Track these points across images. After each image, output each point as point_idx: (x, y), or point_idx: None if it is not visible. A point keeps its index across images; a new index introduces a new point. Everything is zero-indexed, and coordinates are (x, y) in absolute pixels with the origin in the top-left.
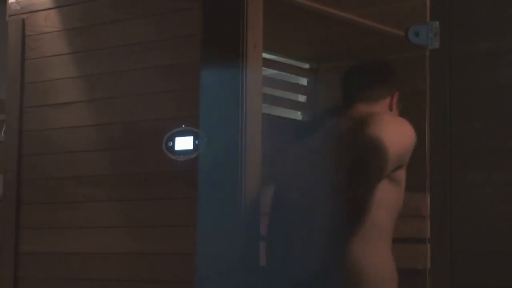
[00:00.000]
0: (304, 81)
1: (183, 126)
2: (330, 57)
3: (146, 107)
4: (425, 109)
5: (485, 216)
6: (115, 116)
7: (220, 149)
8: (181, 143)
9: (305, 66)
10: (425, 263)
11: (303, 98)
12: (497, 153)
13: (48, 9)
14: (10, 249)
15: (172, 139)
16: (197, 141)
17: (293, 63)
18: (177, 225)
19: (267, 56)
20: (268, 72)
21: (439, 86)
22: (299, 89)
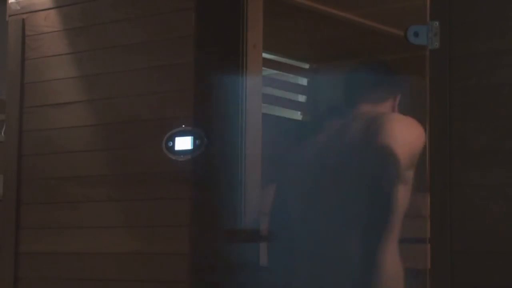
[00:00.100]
0: (304, 81)
1: (183, 126)
2: (330, 57)
3: (146, 107)
4: (425, 109)
5: (485, 216)
6: (115, 116)
7: (220, 149)
8: (181, 143)
9: (305, 66)
10: (425, 263)
11: (303, 98)
12: (497, 153)
13: (48, 9)
14: (10, 249)
15: (172, 139)
16: (197, 141)
17: (293, 63)
18: (177, 225)
19: (267, 56)
20: (268, 72)
21: (439, 86)
22: (299, 89)
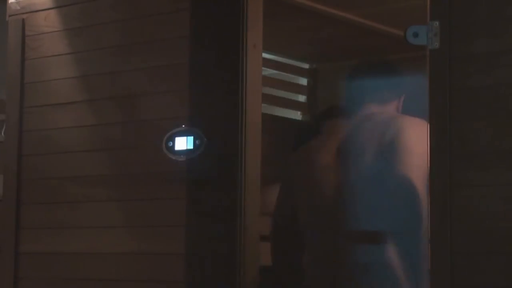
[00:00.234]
0: (304, 81)
1: (183, 126)
2: (330, 57)
3: (146, 107)
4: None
5: (485, 216)
6: (115, 116)
7: (220, 149)
8: (181, 143)
9: (305, 66)
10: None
11: (303, 98)
12: (497, 153)
13: (48, 9)
14: (10, 249)
15: (172, 139)
16: (197, 141)
17: (293, 63)
18: (177, 225)
19: (267, 56)
20: (268, 72)
21: (439, 86)
22: (299, 89)
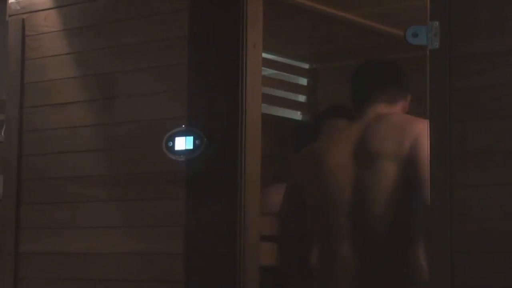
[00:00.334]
0: (304, 81)
1: (183, 126)
2: (330, 57)
3: (146, 107)
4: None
5: (485, 216)
6: (115, 116)
7: (220, 149)
8: (181, 143)
9: (305, 66)
10: None
11: (303, 98)
12: (497, 153)
13: (48, 9)
14: (10, 249)
15: (172, 139)
16: (197, 141)
17: (293, 63)
18: (177, 225)
19: (267, 56)
20: (268, 72)
21: (439, 86)
22: (299, 89)
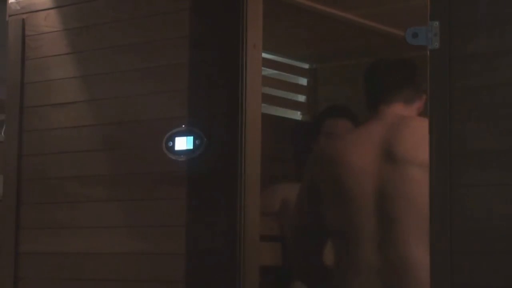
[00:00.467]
0: (304, 81)
1: (183, 126)
2: (330, 57)
3: (146, 107)
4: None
5: (485, 216)
6: (115, 116)
7: (220, 149)
8: (181, 143)
9: (305, 66)
10: None
11: (303, 98)
12: (497, 153)
13: (48, 9)
14: (10, 249)
15: (172, 139)
16: (197, 141)
17: (293, 63)
18: (177, 225)
19: (267, 56)
20: (268, 72)
21: (439, 86)
22: (299, 89)
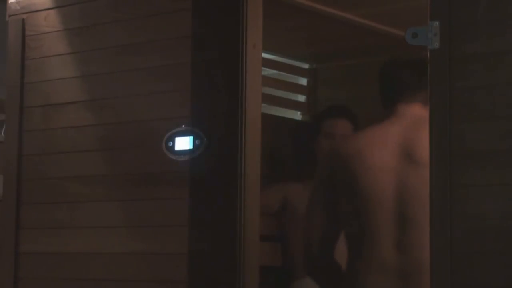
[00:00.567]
0: (304, 81)
1: (183, 126)
2: (330, 57)
3: (146, 107)
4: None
5: (485, 216)
6: (115, 116)
7: (220, 149)
8: (181, 143)
9: (305, 66)
10: None
11: (303, 98)
12: (497, 153)
13: (48, 9)
14: (10, 249)
15: (172, 139)
16: (197, 141)
17: (293, 63)
18: (177, 225)
19: (267, 56)
20: (268, 72)
21: (439, 86)
22: (299, 89)
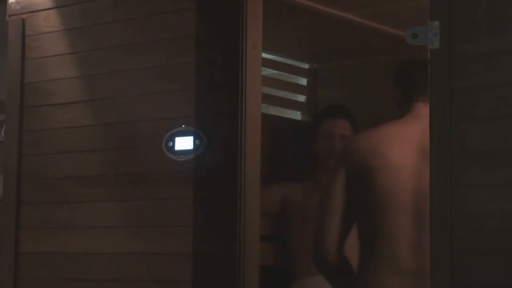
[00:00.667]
0: (304, 81)
1: (183, 126)
2: (330, 57)
3: (146, 107)
4: None
5: (485, 216)
6: (115, 116)
7: (220, 149)
8: (181, 143)
9: (305, 66)
10: None
11: (303, 98)
12: (497, 153)
13: (48, 9)
14: (10, 249)
15: (172, 139)
16: (197, 141)
17: (293, 63)
18: (177, 225)
19: (267, 56)
20: (268, 72)
21: (439, 86)
22: (299, 89)
